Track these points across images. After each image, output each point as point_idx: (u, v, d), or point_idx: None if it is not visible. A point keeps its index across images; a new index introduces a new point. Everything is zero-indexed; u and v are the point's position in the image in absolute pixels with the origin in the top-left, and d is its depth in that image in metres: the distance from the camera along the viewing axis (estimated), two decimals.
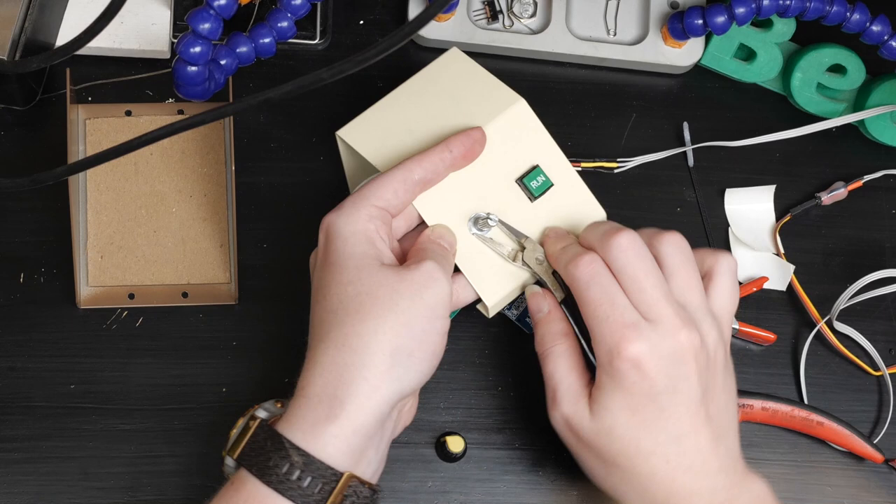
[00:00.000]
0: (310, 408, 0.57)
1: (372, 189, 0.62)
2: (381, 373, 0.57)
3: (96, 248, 0.73)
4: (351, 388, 0.57)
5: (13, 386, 0.71)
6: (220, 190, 0.75)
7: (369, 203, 0.61)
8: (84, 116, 0.74)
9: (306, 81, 0.57)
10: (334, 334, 0.58)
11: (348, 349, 0.58)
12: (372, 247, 0.61)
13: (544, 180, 0.66)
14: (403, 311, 0.58)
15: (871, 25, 0.75)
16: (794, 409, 0.73)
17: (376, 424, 0.58)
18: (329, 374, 0.58)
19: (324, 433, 0.57)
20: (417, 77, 0.68)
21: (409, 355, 0.58)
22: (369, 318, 0.58)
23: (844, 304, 0.74)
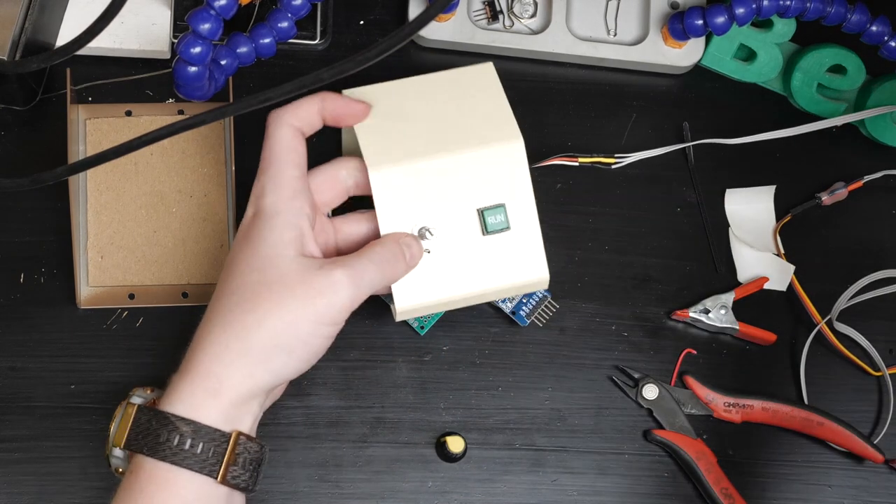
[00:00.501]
0: (191, 384, 0.59)
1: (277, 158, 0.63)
2: (257, 363, 0.59)
3: (96, 248, 0.73)
4: (231, 371, 0.59)
5: (13, 386, 0.71)
6: (221, 190, 0.75)
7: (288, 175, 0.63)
8: (84, 116, 0.74)
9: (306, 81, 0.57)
10: (225, 317, 0.61)
11: (233, 335, 0.60)
12: (292, 229, 0.62)
13: (502, 220, 0.66)
14: (291, 310, 0.60)
15: (871, 26, 0.75)
16: (794, 409, 0.73)
17: (251, 402, 0.60)
18: (214, 354, 0.60)
19: (205, 404, 0.59)
20: (440, 74, 0.68)
21: (289, 353, 0.60)
22: (259, 309, 0.60)
23: (845, 305, 0.74)
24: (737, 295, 0.75)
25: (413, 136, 0.66)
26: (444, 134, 0.66)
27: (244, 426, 0.60)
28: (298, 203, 0.62)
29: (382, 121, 0.66)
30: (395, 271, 0.64)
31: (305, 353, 0.61)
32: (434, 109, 0.67)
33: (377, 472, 0.71)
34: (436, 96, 0.67)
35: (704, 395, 0.73)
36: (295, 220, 0.62)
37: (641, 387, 0.73)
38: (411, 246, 0.64)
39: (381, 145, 0.65)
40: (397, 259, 0.63)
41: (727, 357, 0.75)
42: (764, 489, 0.73)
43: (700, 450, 0.72)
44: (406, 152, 0.65)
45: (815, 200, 0.78)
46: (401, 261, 0.64)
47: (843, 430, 0.72)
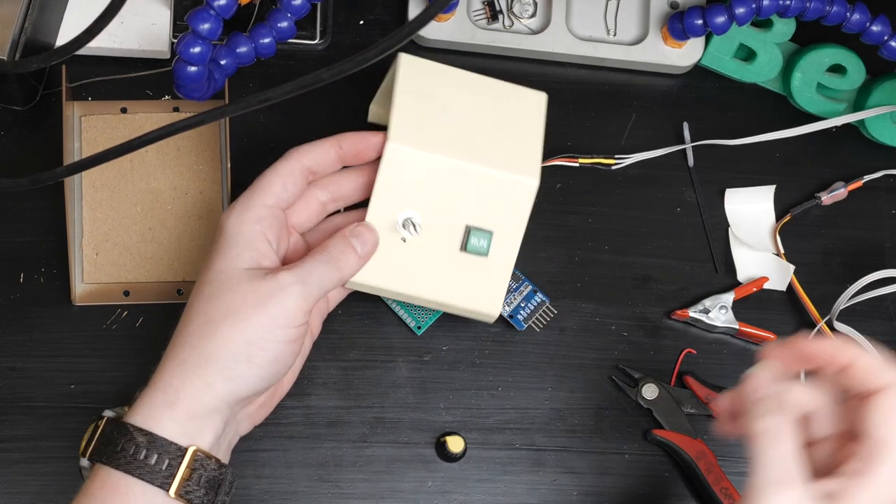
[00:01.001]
0: (151, 396, 0.60)
1: (261, 186, 0.65)
2: (215, 372, 0.60)
3: (91, 245, 0.73)
4: (186, 382, 0.60)
5: (13, 386, 0.71)
6: (216, 187, 0.75)
7: (259, 203, 0.64)
8: (79, 113, 0.74)
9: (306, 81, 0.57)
10: (184, 332, 0.62)
11: (190, 348, 0.61)
12: (249, 249, 0.63)
13: (484, 246, 0.66)
14: (243, 318, 0.60)
15: (871, 25, 0.75)
16: None
17: (212, 416, 0.60)
18: (172, 369, 0.61)
19: (162, 416, 0.60)
20: (497, 82, 0.68)
21: (247, 360, 0.60)
22: (213, 321, 0.61)
23: (844, 304, 0.74)
24: (736, 295, 0.75)
25: (442, 128, 0.66)
26: (471, 140, 0.66)
27: (204, 441, 0.60)
28: (259, 227, 0.64)
29: (422, 101, 0.66)
30: (347, 265, 0.64)
31: (265, 360, 0.61)
32: (474, 113, 0.67)
33: (377, 472, 0.71)
34: (482, 101, 0.67)
35: (704, 394, 0.73)
36: (252, 242, 0.63)
37: (641, 387, 0.73)
38: (362, 236, 0.65)
39: (410, 124, 0.65)
40: (346, 253, 0.64)
41: (727, 357, 0.75)
42: None
43: (700, 450, 0.72)
44: (429, 141, 0.65)
45: (815, 200, 0.78)
46: (350, 253, 0.64)
47: None
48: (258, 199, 0.64)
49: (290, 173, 0.65)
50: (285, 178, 0.65)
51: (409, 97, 0.66)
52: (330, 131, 0.77)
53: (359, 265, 0.65)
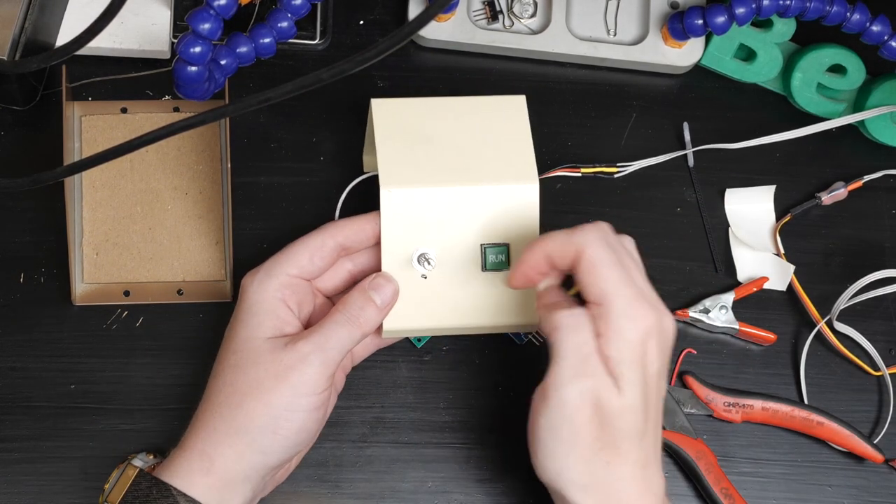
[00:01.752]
0: (188, 461, 0.62)
1: (288, 255, 0.65)
2: (244, 444, 0.61)
3: (91, 245, 0.73)
4: (219, 451, 0.62)
5: (13, 386, 0.71)
6: (216, 187, 0.75)
7: (283, 271, 0.64)
8: (80, 113, 0.74)
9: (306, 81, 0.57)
10: (214, 401, 0.63)
11: (220, 417, 0.62)
12: (270, 317, 0.64)
13: (503, 261, 0.66)
14: (266, 389, 0.61)
15: (871, 25, 0.75)
16: (794, 409, 0.73)
17: (244, 484, 0.62)
18: (205, 436, 0.62)
19: (199, 482, 0.61)
20: (471, 99, 0.68)
21: (273, 431, 0.62)
22: (239, 392, 0.62)
23: (844, 304, 0.74)
24: (736, 295, 0.75)
25: (431, 160, 0.66)
26: (462, 163, 0.66)
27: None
28: (280, 294, 0.64)
29: (404, 139, 0.66)
30: (367, 320, 0.63)
31: (291, 430, 0.62)
32: (457, 135, 0.66)
33: (377, 472, 0.71)
34: (462, 121, 0.67)
35: (704, 394, 0.73)
36: (274, 310, 0.64)
37: None
38: (380, 287, 0.64)
39: (399, 165, 0.65)
40: (365, 308, 0.63)
41: (727, 357, 0.75)
42: (764, 489, 0.73)
43: (700, 450, 0.72)
44: (421, 176, 0.65)
45: (815, 200, 0.78)
46: (370, 308, 0.63)
47: (843, 429, 0.72)
48: (282, 268, 0.65)
49: (320, 247, 0.65)
50: (314, 252, 0.65)
51: (390, 139, 0.66)
52: (330, 132, 0.77)
53: (380, 318, 0.64)
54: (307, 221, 0.75)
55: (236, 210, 0.74)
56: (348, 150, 0.77)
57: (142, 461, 0.64)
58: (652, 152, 0.78)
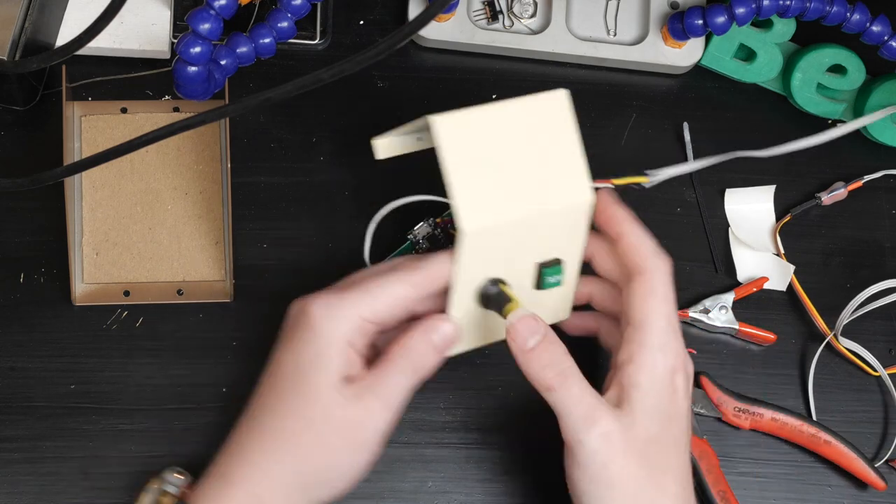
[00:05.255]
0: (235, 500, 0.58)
1: (365, 295, 0.59)
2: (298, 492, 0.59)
3: (91, 245, 0.73)
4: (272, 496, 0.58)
5: (13, 386, 0.71)
6: (216, 187, 0.75)
7: (357, 314, 0.59)
8: (80, 113, 0.75)
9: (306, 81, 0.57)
10: (266, 436, 0.59)
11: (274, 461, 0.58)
12: (341, 360, 0.59)
13: (558, 280, 0.64)
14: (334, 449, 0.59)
15: (871, 25, 0.75)
16: (804, 424, 0.72)
17: None
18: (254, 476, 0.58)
19: None
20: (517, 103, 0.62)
21: (330, 486, 0.60)
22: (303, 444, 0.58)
23: (847, 319, 0.74)
24: (736, 295, 0.75)
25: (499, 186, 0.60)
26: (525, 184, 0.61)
27: None
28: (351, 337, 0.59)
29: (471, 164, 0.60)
30: (427, 366, 0.61)
31: (347, 483, 0.61)
32: (515, 152, 0.61)
33: (377, 472, 0.71)
34: (516, 134, 0.62)
35: (716, 397, 0.73)
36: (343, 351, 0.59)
37: None
38: (444, 334, 0.61)
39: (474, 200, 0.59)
40: (427, 355, 0.60)
41: (727, 357, 0.75)
42: (763, 489, 0.73)
43: (703, 449, 0.72)
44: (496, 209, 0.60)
45: (815, 200, 0.78)
46: (430, 353, 0.61)
47: (850, 452, 0.72)
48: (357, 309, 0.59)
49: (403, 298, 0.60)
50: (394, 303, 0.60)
51: (461, 168, 0.59)
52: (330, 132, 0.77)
53: (439, 362, 0.61)
54: (307, 222, 0.75)
55: (236, 210, 0.74)
56: (348, 150, 0.77)
57: (172, 485, 0.62)
58: (652, 152, 0.78)
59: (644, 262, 0.62)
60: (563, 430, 0.60)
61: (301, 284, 0.73)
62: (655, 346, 0.61)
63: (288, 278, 0.74)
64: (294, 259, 0.74)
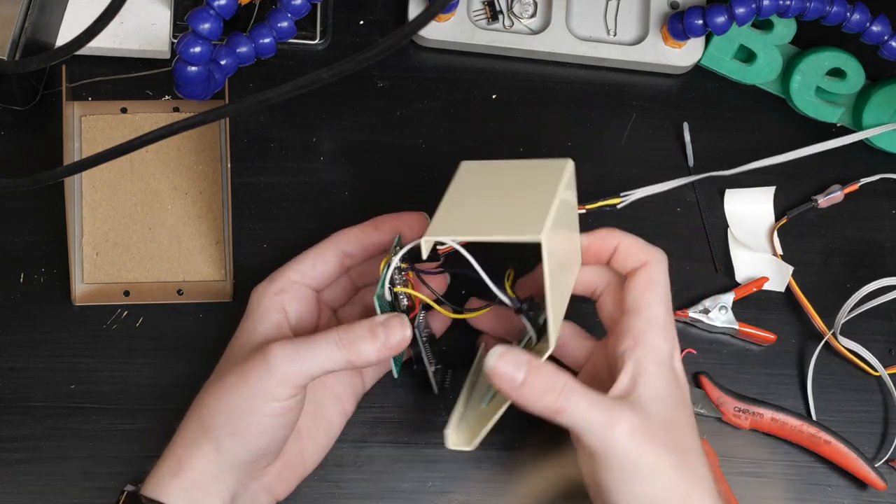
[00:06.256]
0: (160, 466, 0.62)
1: (291, 263, 0.66)
2: (208, 442, 0.61)
3: (91, 245, 0.73)
4: (188, 451, 0.61)
5: (13, 386, 0.71)
6: (216, 187, 0.75)
7: (283, 277, 0.65)
8: (79, 113, 0.75)
9: (306, 81, 0.57)
10: (196, 402, 0.63)
11: (193, 417, 0.62)
12: (264, 322, 0.64)
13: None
14: (229, 389, 0.61)
15: (872, 26, 0.75)
16: (804, 424, 0.72)
17: (215, 484, 0.61)
18: (179, 438, 0.62)
19: (169, 486, 0.60)
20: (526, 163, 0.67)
21: (233, 433, 0.60)
22: (208, 393, 0.62)
23: (846, 318, 0.74)
24: (736, 295, 0.75)
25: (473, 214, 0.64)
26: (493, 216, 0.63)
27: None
28: (279, 299, 0.65)
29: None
30: (361, 354, 0.61)
31: (250, 432, 0.60)
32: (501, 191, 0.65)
33: (377, 472, 0.71)
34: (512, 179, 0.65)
35: (716, 397, 0.73)
36: (268, 314, 0.64)
37: None
38: (392, 329, 0.61)
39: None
40: (364, 341, 0.61)
41: (727, 357, 0.75)
42: (763, 489, 0.73)
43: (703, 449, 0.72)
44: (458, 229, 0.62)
45: (812, 203, 0.78)
46: (370, 344, 0.61)
47: (850, 452, 0.72)
48: (284, 274, 0.66)
49: (322, 254, 0.66)
50: (315, 258, 0.66)
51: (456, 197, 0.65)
52: (330, 131, 0.77)
53: (376, 357, 0.61)
54: (307, 222, 0.75)
55: (236, 210, 0.74)
56: (348, 150, 0.77)
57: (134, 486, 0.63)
58: (652, 152, 0.78)
59: (644, 255, 0.64)
60: (587, 443, 0.59)
61: None
62: (659, 332, 0.62)
63: None
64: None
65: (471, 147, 0.77)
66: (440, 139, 0.77)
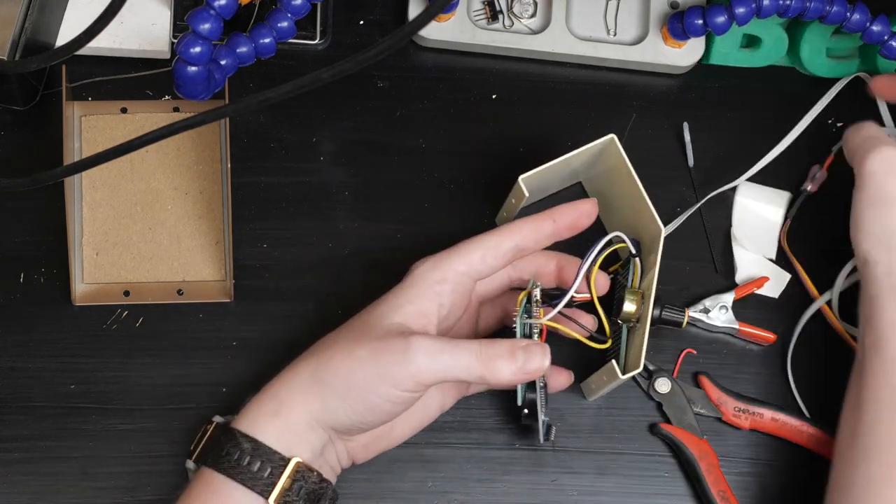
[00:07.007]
0: (259, 403, 0.62)
1: (461, 250, 0.64)
2: (315, 394, 0.61)
3: (91, 245, 0.73)
4: (292, 395, 0.61)
5: (13, 386, 0.71)
6: (216, 187, 0.75)
7: (451, 266, 0.64)
8: (79, 113, 0.75)
9: (306, 81, 0.57)
10: (319, 346, 0.63)
11: (307, 366, 0.62)
12: (414, 305, 0.62)
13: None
14: (357, 359, 0.60)
15: (872, 25, 0.75)
16: (804, 423, 0.72)
17: (309, 432, 0.61)
18: (286, 379, 0.62)
19: (266, 424, 0.60)
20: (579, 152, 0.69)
21: (344, 398, 0.60)
22: (334, 349, 0.62)
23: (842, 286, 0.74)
24: (736, 295, 0.75)
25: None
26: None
27: (303, 453, 0.60)
28: (439, 288, 0.63)
29: None
30: (496, 371, 0.61)
31: (360, 406, 0.61)
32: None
33: (377, 472, 0.71)
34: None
35: (716, 397, 0.73)
36: (422, 300, 0.63)
37: (655, 380, 0.73)
38: (532, 356, 0.61)
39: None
40: (502, 358, 0.61)
41: (727, 357, 0.75)
42: (763, 489, 0.73)
43: (704, 449, 0.72)
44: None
45: (803, 193, 0.78)
46: (508, 365, 0.61)
47: None
48: (451, 263, 0.64)
49: (495, 247, 0.64)
50: (486, 251, 0.64)
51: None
52: (330, 131, 0.77)
53: (511, 379, 0.61)
54: (307, 221, 0.75)
55: (236, 210, 0.74)
56: (348, 150, 0.77)
57: (223, 418, 0.63)
58: (652, 152, 0.78)
59: None
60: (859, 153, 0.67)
61: (301, 284, 0.73)
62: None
63: (288, 278, 0.74)
64: (294, 259, 0.74)
65: (471, 147, 0.77)
66: (440, 139, 0.77)
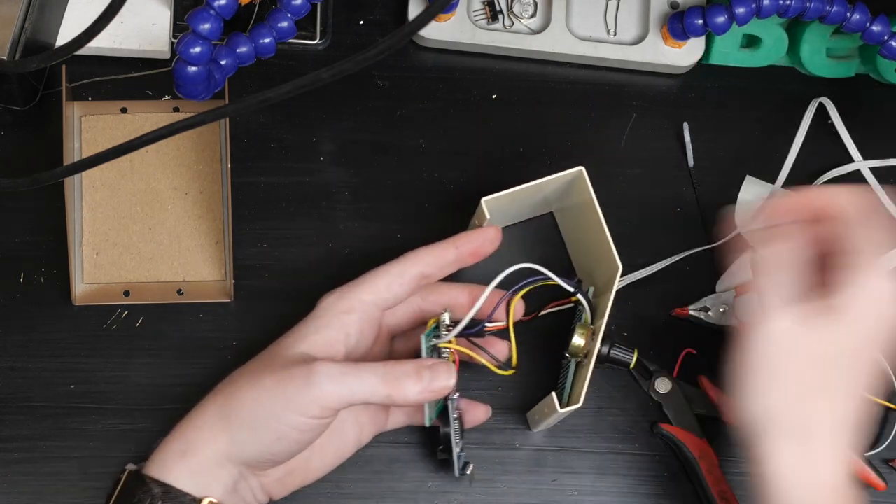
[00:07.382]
0: (168, 444, 0.61)
1: (366, 280, 0.65)
2: (222, 430, 0.61)
3: (91, 245, 0.73)
4: (199, 434, 0.61)
5: (13, 386, 0.71)
6: (216, 187, 0.75)
7: (356, 296, 0.64)
8: (79, 113, 0.75)
9: (306, 81, 0.57)
10: (223, 384, 0.63)
11: (213, 402, 0.62)
12: (319, 334, 0.63)
13: None
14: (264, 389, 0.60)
15: (872, 25, 0.75)
16: None
17: (220, 470, 0.61)
18: (193, 418, 0.62)
19: (175, 465, 0.60)
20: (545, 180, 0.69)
21: (251, 430, 0.60)
22: (240, 383, 0.62)
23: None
24: (737, 294, 0.75)
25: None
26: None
27: (215, 492, 0.60)
28: (346, 318, 0.63)
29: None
30: (403, 393, 0.61)
31: (268, 436, 0.60)
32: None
33: (377, 472, 0.71)
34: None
35: (717, 397, 0.73)
36: (328, 330, 0.63)
37: (654, 380, 0.73)
38: (439, 375, 0.61)
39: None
40: (408, 377, 0.61)
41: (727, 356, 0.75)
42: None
43: (704, 449, 0.72)
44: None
45: None
46: (412, 382, 0.61)
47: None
48: (357, 292, 0.64)
49: (399, 275, 0.65)
50: (392, 279, 0.64)
51: None
52: (330, 131, 0.77)
53: (417, 399, 0.61)
54: (307, 221, 0.75)
55: (236, 210, 0.74)
56: (348, 150, 0.77)
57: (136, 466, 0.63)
58: (652, 152, 0.78)
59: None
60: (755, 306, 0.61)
61: (301, 284, 0.73)
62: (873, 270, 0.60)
63: (288, 278, 0.74)
64: (294, 259, 0.74)
65: (471, 147, 0.77)
66: (440, 139, 0.77)
